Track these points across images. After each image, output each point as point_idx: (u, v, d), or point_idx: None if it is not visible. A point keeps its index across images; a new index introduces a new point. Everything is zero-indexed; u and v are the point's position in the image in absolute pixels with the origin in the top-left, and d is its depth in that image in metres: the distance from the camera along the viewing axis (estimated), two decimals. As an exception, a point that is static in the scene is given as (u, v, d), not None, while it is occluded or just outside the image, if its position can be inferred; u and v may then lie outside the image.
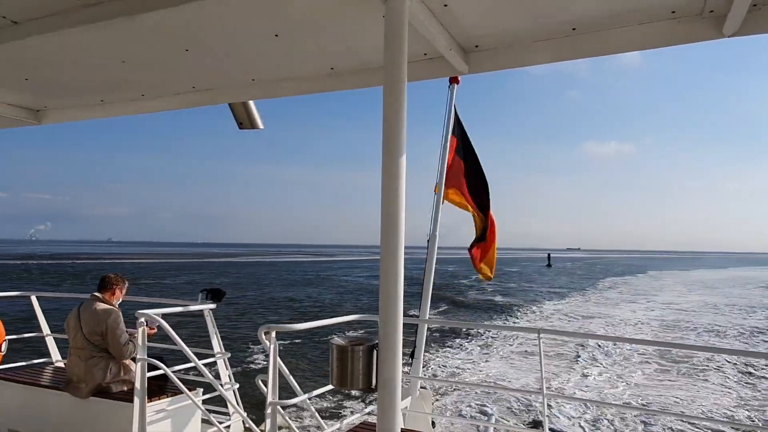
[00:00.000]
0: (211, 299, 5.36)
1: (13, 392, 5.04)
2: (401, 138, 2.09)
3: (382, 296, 2.08)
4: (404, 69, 2.10)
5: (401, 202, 2.10)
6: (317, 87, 3.26)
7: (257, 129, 4.05)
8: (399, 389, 2.12)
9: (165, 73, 3.36)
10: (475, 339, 19.60)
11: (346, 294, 39.51)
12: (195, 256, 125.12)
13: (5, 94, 3.97)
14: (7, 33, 2.62)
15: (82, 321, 4.69)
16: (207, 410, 4.74)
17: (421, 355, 6.17)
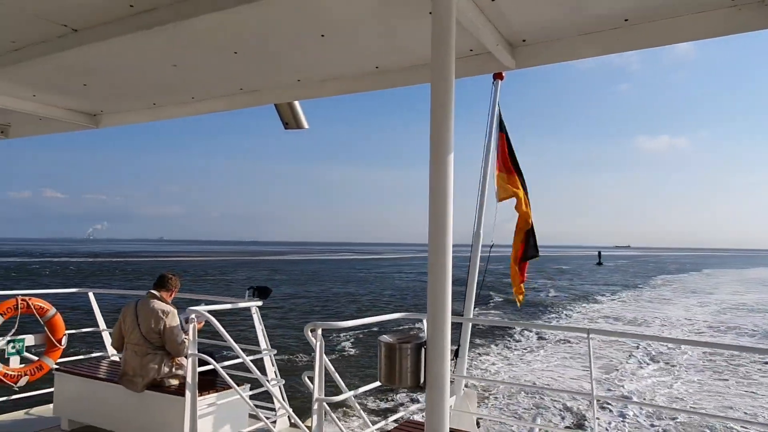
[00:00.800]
0: (258, 296, 5.47)
1: (73, 384, 5.27)
2: (449, 135, 2.08)
3: (430, 294, 2.07)
4: (452, 66, 2.09)
5: (449, 200, 2.08)
6: (362, 86, 3.27)
7: (302, 129, 4.10)
8: (447, 387, 2.11)
9: (214, 75, 3.44)
10: (522, 338, 19.31)
11: (407, 290, 39.80)
12: (245, 254, 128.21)
13: (66, 100, 4.16)
14: (68, 41, 2.74)
15: (140, 318, 4.85)
16: (254, 406, 4.84)
17: (466, 353, 6.12)
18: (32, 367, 5.83)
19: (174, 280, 5.17)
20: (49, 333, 5.99)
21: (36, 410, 5.83)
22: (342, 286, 44.03)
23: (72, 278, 47.58)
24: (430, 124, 2.07)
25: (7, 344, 5.65)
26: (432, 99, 2.08)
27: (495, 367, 15.37)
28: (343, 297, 35.14)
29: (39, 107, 4.15)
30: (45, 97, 4.05)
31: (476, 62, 2.89)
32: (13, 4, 2.45)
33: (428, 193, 2.10)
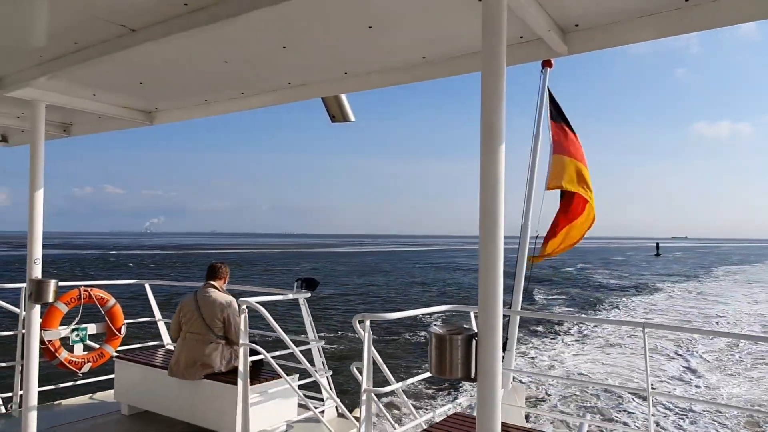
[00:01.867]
0: (306, 288, 5.56)
1: (132, 372, 5.51)
2: (500, 126, 2.04)
3: (481, 286, 2.05)
4: (503, 54, 2.04)
5: (500, 191, 2.05)
6: (409, 77, 3.25)
7: (349, 122, 4.13)
8: (499, 380, 2.09)
9: (263, 70, 3.50)
10: (574, 332, 18.92)
11: (456, 282, 39.83)
12: (293, 246, 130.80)
13: (123, 98, 4.31)
14: (126, 41, 2.84)
15: (202, 308, 5.00)
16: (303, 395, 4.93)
17: (514, 347, 6.05)
18: (94, 354, 6.13)
19: (224, 268, 5.34)
20: (109, 322, 6.28)
21: (98, 395, 6.13)
22: (390, 277, 44.50)
23: (131, 270, 49.84)
24: (481, 114, 2.04)
25: (72, 332, 5.95)
26: (482, 88, 2.04)
27: (543, 361, 15.12)
28: (392, 288, 35.39)
29: (98, 106, 4.32)
30: (104, 96, 4.22)
31: (527, 49, 2.82)
32: (76, 7, 2.56)
33: (479, 185, 2.07)
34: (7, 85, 3.69)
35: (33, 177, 4.05)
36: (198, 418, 4.94)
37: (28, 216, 4.05)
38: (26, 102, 4.02)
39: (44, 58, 3.31)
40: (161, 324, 6.74)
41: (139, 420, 5.37)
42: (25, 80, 3.54)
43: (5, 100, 4.08)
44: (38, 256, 4.03)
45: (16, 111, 4.73)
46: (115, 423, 5.35)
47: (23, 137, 5.60)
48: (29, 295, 4.02)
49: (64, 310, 5.89)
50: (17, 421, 5.06)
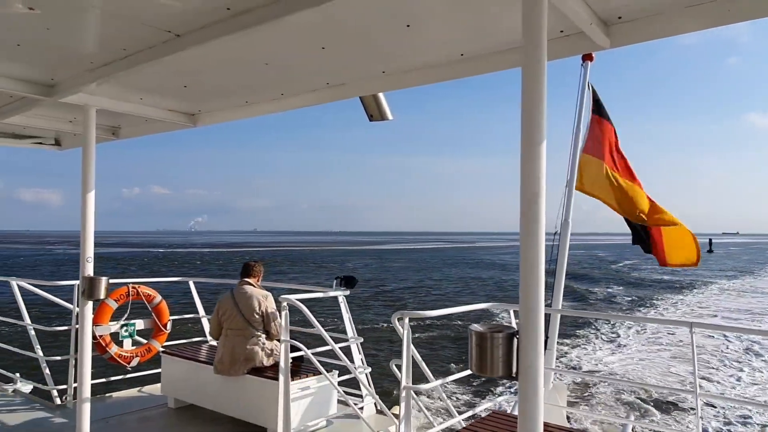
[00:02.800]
0: (345, 286, 5.62)
1: (177, 366, 5.68)
2: (541, 122, 2.02)
3: (522, 284, 2.03)
4: (544, 48, 2.02)
5: (542, 188, 2.03)
6: (447, 74, 3.24)
7: (387, 120, 4.14)
8: (542, 379, 2.07)
9: (302, 71, 3.55)
10: (617, 331, 18.48)
11: (497, 280, 39.65)
12: (334, 243, 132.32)
13: (167, 101, 4.45)
14: (171, 46, 2.94)
15: (240, 305, 5.13)
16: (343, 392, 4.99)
17: (554, 345, 5.97)
18: (142, 349, 6.35)
19: (257, 266, 5.45)
20: (156, 318, 6.49)
21: (146, 389, 6.34)
22: (431, 275, 44.60)
23: (177, 267, 51.45)
24: (521, 110, 2.02)
25: (121, 328, 6.18)
26: (523, 84, 2.02)
27: (585, 360, 14.82)
28: (432, 286, 35.36)
29: (145, 109, 4.47)
30: (150, 99, 4.36)
31: (567, 43, 2.77)
32: (125, 15, 2.66)
33: (519, 181, 2.05)
34: (60, 92, 3.86)
35: (85, 179, 4.21)
36: (241, 413, 5.06)
37: (81, 216, 4.22)
38: (78, 107, 4.19)
39: (95, 65, 3.45)
40: (204, 320, 6.92)
41: (185, 413, 5.54)
42: (77, 86, 3.70)
43: (59, 106, 4.26)
44: (90, 254, 4.20)
45: (69, 116, 4.94)
46: (163, 416, 5.53)
47: (75, 141, 5.84)
48: (82, 292, 4.19)
49: (114, 307, 6.13)
50: (72, 412, 5.29)
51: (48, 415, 5.44)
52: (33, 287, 6.40)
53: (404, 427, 3.98)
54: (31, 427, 5.10)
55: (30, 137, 5.76)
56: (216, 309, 5.31)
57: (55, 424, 5.20)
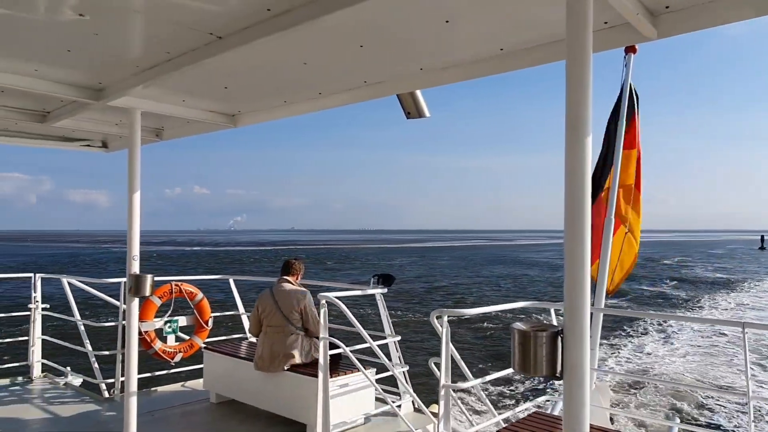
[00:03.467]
0: (382, 284, 5.62)
1: (219, 362, 5.81)
2: (587, 117, 1.97)
3: (567, 282, 1.99)
4: (589, 41, 1.97)
5: (587, 184, 1.98)
6: (487, 70, 3.20)
7: (424, 117, 4.12)
8: (587, 379, 2.03)
9: (340, 70, 3.56)
10: (664, 330, 17.95)
11: (538, 278, 39.32)
12: (370, 242, 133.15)
13: (209, 103, 4.54)
14: (213, 48, 2.99)
15: (279, 302, 5.20)
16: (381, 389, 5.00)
17: (597, 345, 5.85)
18: (185, 345, 6.52)
19: (298, 265, 5.51)
20: (197, 315, 6.65)
21: (189, 384, 6.51)
22: (479, 272, 44.55)
23: (217, 265, 52.75)
24: (566, 105, 1.98)
25: (165, 324, 6.36)
26: (567, 78, 1.98)
27: (629, 360, 14.44)
28: (472, 284, 35.18)
29: (187, 111, 4.57)
30: (192, 101, 4.46)
31: (612, 35, 2.69)
32: (169, 19, 2.72)
33: (563, 178, 2.01)
34: (108, 95, 3.98)
35: (131, 180, 4.34)
36: (281, 408, 5.14)
37: (127, 216, 4.35)
38: (124, 110, 4.32)
39: (140, 68, 3.54)
40: (244, 317, 7.05)
41: (227, 408, 5.65)
42: (123, 90, 3.81)
43: (106, 109, 4.40)
44: (136, 253, 4.32)
45: (115, 119, 5.10)
46: (205, 410, 5.66)
47: (121, 143, 6.03)
48: (129, 289, 4.32)
49: (158, 304, 6.31)
50: (119, 405, 5.47)
51: (97, 407, 5.64)
52: (82, 284, 6.65)
53: (443, 425, 3.96)
54: (82, 419, 5.30)
55: (79, 140, 5.97)
56: (256, 306, 5.40)
57: (104, 417, 5.38)
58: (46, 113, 4.87)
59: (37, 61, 3.46)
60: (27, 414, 5.42)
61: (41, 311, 6.84)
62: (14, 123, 5.09)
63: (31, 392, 6.14)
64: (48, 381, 6.55)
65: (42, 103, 4.64)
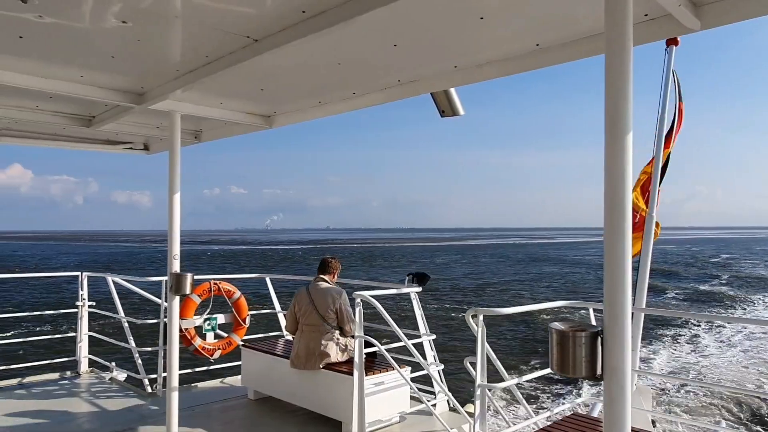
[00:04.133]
0: (417, 283, 5.61)
1: (256, 359, 5.91)
2: (627, 112, 1.92)
3: (607, 281, 1.95)
4: (629, 34, 1.92)
5: (627, 181, 1.93)
6: (523, 66, 3.16)
7: (458, 116, 4.09)
8: (629, 381, 1.98)
9: (374, 70, 3.57)
10: (708, 331, 17.38)
11: (574, 277, 38.88)
12: (405, 240, 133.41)
13: (245, 104, 4.63)
14: (250, 51, 3.04)
15: (315, 301, 5.26)
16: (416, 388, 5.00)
17: (638, 346, 5.70)
18: (223, 342, 6.65)
19: (334, 263, 5.55)
20: (235, 313, 6.77)
21: (228, 380, 6.64)
22: (527, 270, 44.31)
23: (254, 264, 53.78)
24: (605, 100, 1.93)
25: (204, 322, 6.51)
26: (607, 73, 1.93)
27: (671, 362, 14.03)
28: (509, 283, 34.89)
29: (224, 113, 4.67)
30: (229, 103, 4.55)
31: (652, 27, 2.61)
32: (207, 23, 2.79)
33: (603, 175, 1.97)
34: (149, 99, 4.10)
35: (171, 181, 4.46)
36: (317, 406, 5.19)
37: (168, 217, 4.47)
38: (165, 113, 4.44)
39: (180, 72, 3.64)
40: (281, 315, 7.15)
41: (264, 404, 5.75)
42: (164, 93, 3.92)
43: (147, 113, 4.53)
44: (176, 252, 4.44)
45: (156, 122, 5.25)
46: (243, 406, 5.77)
47: (162, 145, 6.20)
48: (170, 288, 4.44)
49: (198, 302, 6.46)
50: (161, 400, 5.63)
51: (141, 402, 5.82)
52: (126, 283, 6.87)
53: (479, 425, 3.93)
54: (127, 414, 5.48)
55: (122, 143, 6.17)
56: (292, 304, 5.47)
57: (147, 411, 5.55)
58: (91, 117, 5.05)
59: (83, 68, 3.59)
60: (75, 407, 5.63)
61: (88, 308, 7.10)
62: (62, 128, 5.30)
63: (78, 386, 6.38)
64: (94, 376, 6.80)
65: (88, 108, 4.82)
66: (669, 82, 5.83)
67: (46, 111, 4.75)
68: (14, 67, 3.51)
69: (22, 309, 21.57)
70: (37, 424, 5.13)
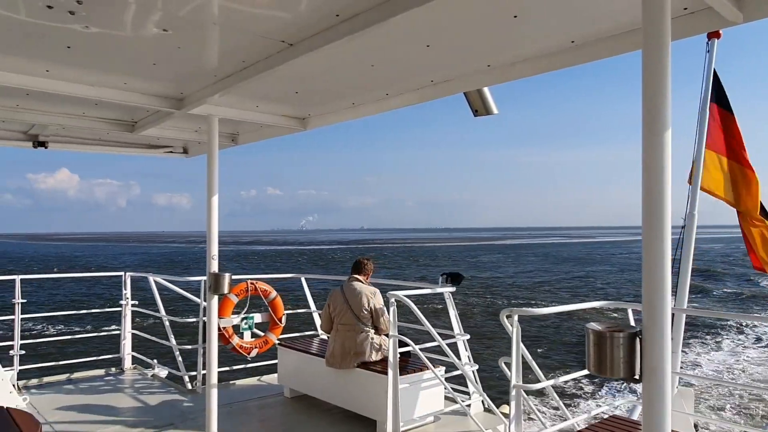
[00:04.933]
0: (451, 282, 5.60)
1: (292, 358, 6.00)
2: (665, 109, 1.88)
3: (646, 281, 1.92)
4: (668, 28, 1.88)
5: (666, 179, 1.90)
6: (558, 63, 3.12)
7: (492, 115, 4.07)
8: (669, 383, 1.94)
9: (407, 71, 3.59)
10: (755, 333, 16.76)
11: (617, 277, 38.35)
12: (440, 240, 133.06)
13: (280, 108, 4.71)
14: (285, 55, 3.10)
15: (349, 300, 5.31)
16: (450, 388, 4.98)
17: (680, 347, 5.54)
18: (260, 341, 6.78)
19: (368, 264, 5.58)
20: (272, 312, 6.89)
21: (265, 378, 6.76)
22: (557, 270, 43.93)
23: (289, 264, 54.57)
24: (643, 97, 1.90)
25: (241, 321, 6.64)
26: (644, 68, 1.90)
27: (715, 365, 13.57)
28: (547, 283, 34.44)
29: (260, 116, 4.76)
30: (265, 106, 4.63)
31: (692, 21, 2.54)
32: (243, 28, 2.86)
33: (641, 173, 1.94)
34: (188, 104, 4.22)
35: (209, 183, 4.57)
36: (352, 404, 5.24)
37: (206, 218, 4.58)
38: (203, 117, 4.56)
39: (217, 77, 3.73)
40: (316, 315, 7.24)
41: (300, 402, 5.84)
42: (202, 98, 4.03)
43: (186, 117, 4.66)
44: (215, 252, 4.55)
45: (194, 126, 5.39)
46: (279, 404, 5.87)
47: (200, 148, 6.36)
48: (208, 287, 4.55)
49: (235, 301, 6.61)
50: (201, 397, 5.78)
51: (181, 398, 5.99)
52: (167, 282, 7.07)
53: (514, 426, 3.90)
54: (168, 409, 5.64)
55: (162, 147, 6.36)
56: (327, 304, 5.53)
57: (187, 407, 5.70)
58: (134, 123, 5.22)
59: (126, 75, 3.73)
60: (120, 402, 5.84)
61: (131, 307, 7.34)
62: (107, 133, 5.50)
63: (123, 382, 6.60)
64: (137, 372, 7.02)
65: (130, 114, 4.99)
66: (710, 77, 5.64)
67: (92, 117, 4.94)
68: (63, 75, 3.67)
69: (74, 307, 22.47)
70: (84, 417, 5.33)
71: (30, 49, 3.16)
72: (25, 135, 5.56)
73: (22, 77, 3.58)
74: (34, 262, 65.07)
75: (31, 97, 4.19)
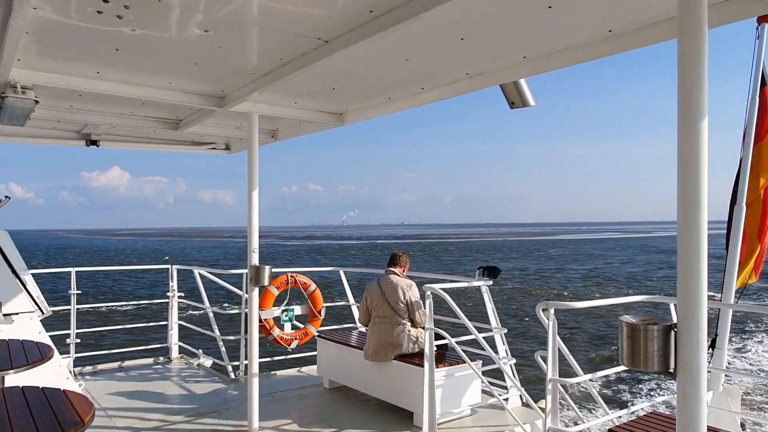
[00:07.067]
0: (488, 276, 5.59)
1: (330, 350, 6.11)
2: (702, 98, 1.84)
3: (681, 274, 1.90)
4: (704, 15, 1.84)
5: (702, 171, 1.87)
6: (594, 53, 3.07)
7: (529, 107, 4.03)
8: (704, 377, 1.91)
9: (441, 64, 3.60)
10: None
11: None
12: (479, 235, 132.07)
13: (318, 103, 4.80)
14: (322, 52, 3.18)
15: (386, 293, 5.37)
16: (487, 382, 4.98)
17: (725, 344, 5.36)
18: (300, 332, 6.93)
19: (404, 257, 5.62)
20: (311, 304, 7.03)
21: (304, 369, 6.91)
22: (583, 265, 43.18)
23: (330, 258, 55.28)
24: (678, 86, 1.87)
25: (282, 313, 6.81)
26: (679, 57, 1.87)
27: (762, 362, 13.03)
28: (588, 278, 33.79)
29: (299, 112, 4.86)
30: (303, 103, 4.73)
31: (731, 8, 2.46)
32: (280, 27, 2.94)
33: (676, 165, 1.91)
34: (229, 102, 4.36)
35: (250, 179, 4.71)
36: (389, 396, 5.30)
37: (247, 213, 4.72)
38: (243, 114, 4.69)
39: (257, 75, 3.84)
40: (354, 308, 7.34)
41: (338, 393, 5.94)
42: (243, 96, 4.15)
43: (228, 114, 4.81)
44: (256, 246, 4.68)
45: (236, 123, 5.55)
46: (318, 395, 6.00)
47: (241, 144, 6.54)
48: (250, 280, 4.69)
49: (276, 293, 6.77)
50: (243, 386, 5.96)
51: (225, 387, 6.19)
52: (211, 275, 7.31)
53: (551, 420, 3.88)
54: (212, 397, 5.85)
55: (206, 143, 6.57)
56: (364, 297, 5.60)
57: (231, 395, 5.90)
58: (178, 121, 5.42)
59: (170, 75, 3.88)
60: (167, 390, 6.09)
61: (177, 299, 7.62)
62: (153, 131, 5.72)
63: (170, 371, 6.87)
64: (184, 362, 7.30)
65: (175, 112, 5.18)
66: (761, 63, 5.40)
67: (139, 116, 5.16)
68: (113, 77, 3.86)
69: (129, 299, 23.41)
70: (134, 403, 5.59)
71: (82, 52, 3.34)
72: (78, 134, 5.85)
73: (76, 79, 3.78)
74: (123, 255, 68.20)
75: (83, 98, 4.42)
